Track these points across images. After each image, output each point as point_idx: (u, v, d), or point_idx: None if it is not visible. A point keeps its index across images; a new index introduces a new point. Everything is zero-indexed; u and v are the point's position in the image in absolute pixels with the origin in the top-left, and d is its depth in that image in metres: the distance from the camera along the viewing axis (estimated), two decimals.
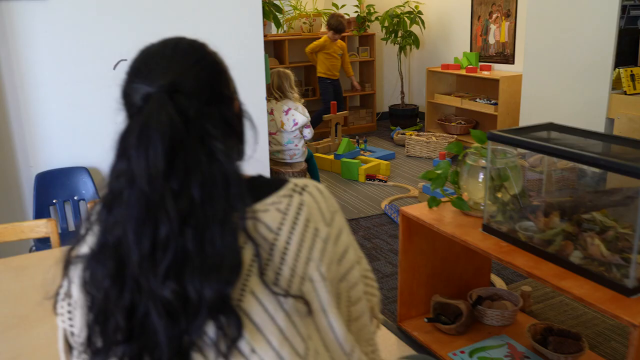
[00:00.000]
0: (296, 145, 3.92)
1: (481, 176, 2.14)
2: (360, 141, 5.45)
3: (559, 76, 4.23)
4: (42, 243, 2.57)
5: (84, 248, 0.85)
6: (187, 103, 0.81)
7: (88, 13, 2.79)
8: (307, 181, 0.93)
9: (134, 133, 0.77)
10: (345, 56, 5.94)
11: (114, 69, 2.87)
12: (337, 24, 5.61)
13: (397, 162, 5.16)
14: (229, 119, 0.91)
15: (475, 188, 2.17)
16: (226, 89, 0.91)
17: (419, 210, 2.26)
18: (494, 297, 2.46)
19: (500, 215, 1.99)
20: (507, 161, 2.05)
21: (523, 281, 2.84)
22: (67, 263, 0.86)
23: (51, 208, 2.81)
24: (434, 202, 2.26)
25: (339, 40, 5.80)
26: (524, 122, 4.60)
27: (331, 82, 5.84)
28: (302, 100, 4.08)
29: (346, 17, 6.39)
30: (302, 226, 0.86)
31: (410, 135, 5.45)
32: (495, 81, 5.38)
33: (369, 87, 6.56)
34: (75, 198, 2.83)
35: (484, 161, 2.12)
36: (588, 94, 4.03)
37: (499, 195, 2.00)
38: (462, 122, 5.91)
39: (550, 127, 2.04)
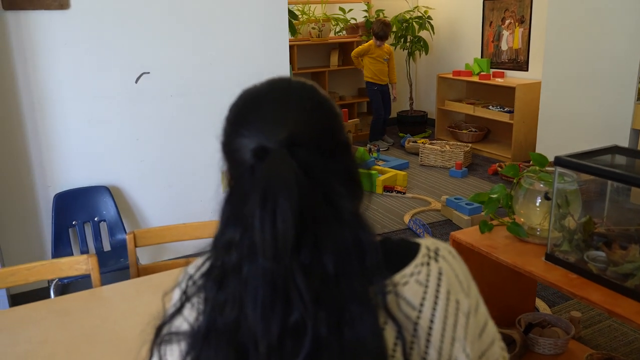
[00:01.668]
0: None
1: (538, 200, 2.02)
2: (373, 149, 5.34)
3: (581, 85, 4.14)
4: None
5: (182, 323, 0.73)
6: (311, 159, 0.69)
7: (110, 24, 2.63)
8: (436, 243, 0.81)
9: (255, 198, 0.65)
10: (391, 61, 5.80)
11: (136, 82, 2.73)
12: (378, 30, 5.56)
13: (412, 171, 5.04)
14: (353, 172, 0.79)
15: (532, 213, 2.05)
16: (345, 136, 0.79)
17: (471, 236, 2.14)
18: (543, 324, 2.35)
19: (566, 244, 1.87)
20: (566, 185, 1.94)
21: (566, 303, 2.73)
22: (159, 340, 0.73)
23: (70, 230, 2.66)
24: (485, 226, 2.14)
25: (386, 45, 5.71)
26: (542, 131, 4.51)
27: (378, 88, 5.74)
28: None
29: (353, 22, 6.29)
30: (444, 299, 0.75)
31: (424, 143, 5.34)
32: (508, 88, 5.28)
33: None
34: (96, 219, 2.68)
35: (542, 185, 2.01)
36: (612, 104, 3.94)
37: (566, 222, 1.88)
38: (474, 130, 5.81)
39: (615, 150, 1.93)
